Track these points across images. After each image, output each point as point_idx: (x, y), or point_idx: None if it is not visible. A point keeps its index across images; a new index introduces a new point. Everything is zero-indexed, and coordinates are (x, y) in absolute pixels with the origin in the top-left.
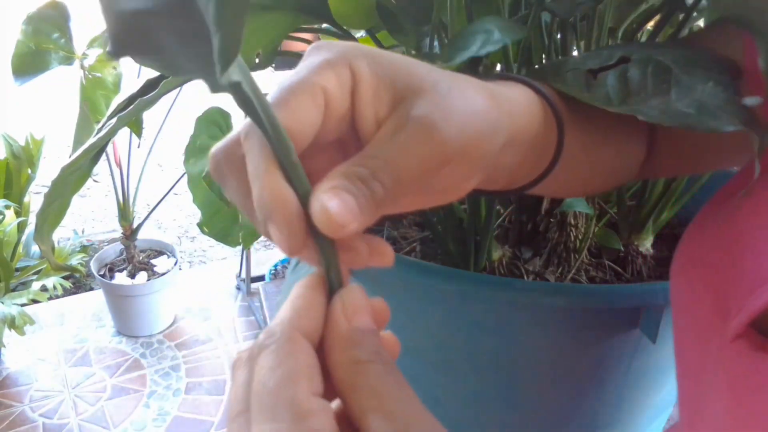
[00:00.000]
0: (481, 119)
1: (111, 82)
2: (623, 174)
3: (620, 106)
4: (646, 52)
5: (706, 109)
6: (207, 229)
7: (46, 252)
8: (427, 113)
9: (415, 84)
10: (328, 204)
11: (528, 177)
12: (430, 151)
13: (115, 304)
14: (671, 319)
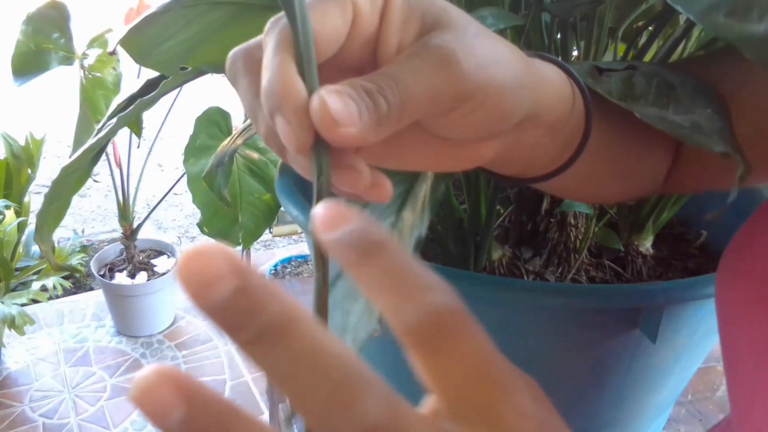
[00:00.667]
0: (505, 70)
1: (111, 82)
2: (644, 184)
3: (620, 101)
4: (655, 68)
5: (700, 128)
6: (207, 229)
7: (46, 252)
8: (448, 44)
9: (444, 20)
10: (327, 99)
11: (547, 166)
12: (443, 79)
13: (115, 304)
14: (671, 319)
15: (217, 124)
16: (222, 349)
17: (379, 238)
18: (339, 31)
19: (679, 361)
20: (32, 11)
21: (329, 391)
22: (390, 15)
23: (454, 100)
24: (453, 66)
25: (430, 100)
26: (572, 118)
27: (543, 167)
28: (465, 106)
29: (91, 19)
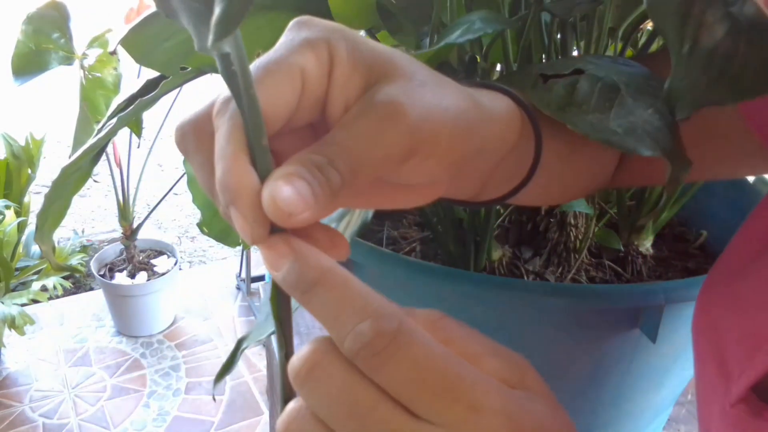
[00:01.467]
0: (453, 116)
1: (111, 82)
2: (596, 180)
3: (556, 111)
4: (605, 68)
5: (633, 132)
6: (207, 229)
7: (46, 252)
8: (394, 97)
9: (389, 71)
10: (277, 191)
11: (501, 189)
12: (393, 137)
13: (115, 304)
14: (671, 320)
15: None
16: (222, 349)
17: (315, 275)
18: (288, 102)
19: (678, 361)
20: (32, 11)
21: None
22: (335, 74)
23: (404, 154)
24: (400, 120)
25: (381, 159)
26: (521, 143)
27: (497, 188)
28: (415, 158)
29: (91, 19)
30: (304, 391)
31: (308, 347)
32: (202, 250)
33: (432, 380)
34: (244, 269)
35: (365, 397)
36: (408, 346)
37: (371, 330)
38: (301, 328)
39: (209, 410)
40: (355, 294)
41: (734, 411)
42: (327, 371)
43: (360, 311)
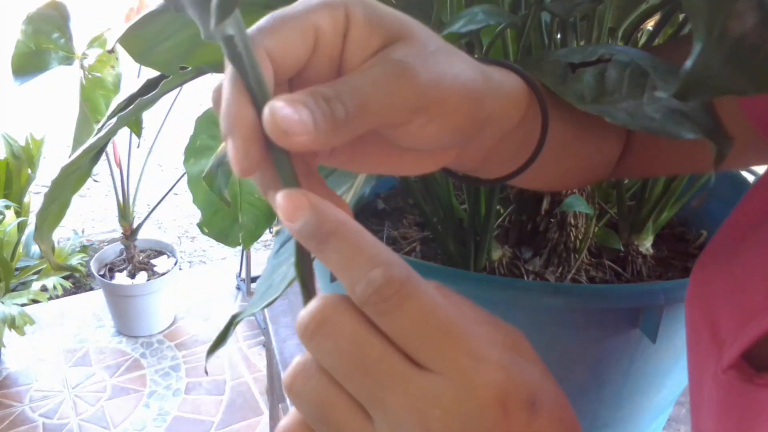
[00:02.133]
0: (462, 84)
1: (111, 82)
2: (597, 171)
3: (591, 104)
4: (628, 54)
5: (671, 115)
6: (207, 229)
7: (46, 252)
8: (406, 57)
9: (405, 35)
10: (278, 110)
11: (504, 168)
12: (400, 90)
13: (115, 304)
14: (671, 320)
15: (217, 124)
16: (222, 349)
17: (332, 226)
18: (299, 54)
19: (678, 361)
20: (32, 11)
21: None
22: (352, 34)
23: (410, 111)
24: (410, 78)
25: (387, 109)
26: (526, 122)
27: (498, 169)
28: (421, 118)
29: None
30: (312, 345)
31: (316, 303)
32: (202, 250)
33: (436, 328)
34: (244, 269)
35: (372, 349)
36: (416, 294)
37: (382, 277)
38: None
39: (209, 410)
40: (368, 245)
41: (725, 376)
42: (336, 324)
43: (372, 260)
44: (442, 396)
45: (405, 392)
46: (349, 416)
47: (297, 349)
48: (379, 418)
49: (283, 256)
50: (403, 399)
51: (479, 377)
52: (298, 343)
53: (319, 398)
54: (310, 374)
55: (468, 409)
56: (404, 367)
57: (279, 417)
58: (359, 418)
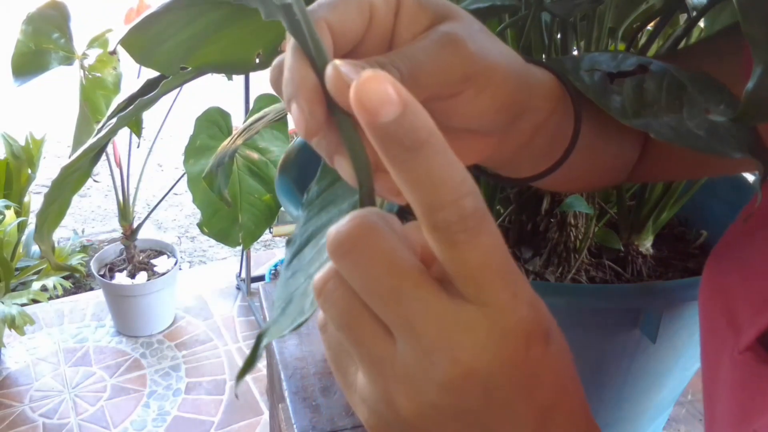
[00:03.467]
0: (507, 60)
1: (111, 82)
2: (616, 174)
3: (634, 119)
4: (659, 64)
5: (716, 133)
6: (207, 229)
7: (46, 252)
8: (456, 30)
9: (452, 14)
10: (341, 67)
11: (536, 166)
12: (451, 57)
13: (115, 304)
14: (671, 320)
15: (217, 124)
16: (222, 349)
17: (425, 135)
18: (356, 29)
19: (678, 361)
20: (32, 11)
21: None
22: (403, 11)
23: (461, 79)
24: (460, 47)
25: (438, 75)
26: (557, 115)
27: (531, 167)
28: (470, 89)
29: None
30: (345, 262)
31: (351, 220)
32: (202, 250)
33: (498, 264)
34: (244, 269)
35: (409, 274)
36: (489, 229)
37: (473, 206)
38: (302, 328)
39: (209, 410)
40: (460, 166)
41: (742, 357)
42: (375, 244)
43: (464, 184)
44: (475, 327)
45: (437, 319)
46: (371, 332)
47: (297, 349)
48: (404, 341)
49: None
50: (434, 324)
51: (515, 316)
52: (297, 343)
53: (346, 308)
54: (340, 281)
55: (498, 341)
56: (439, 294)
57: (279, 417)
58: (381, 336)
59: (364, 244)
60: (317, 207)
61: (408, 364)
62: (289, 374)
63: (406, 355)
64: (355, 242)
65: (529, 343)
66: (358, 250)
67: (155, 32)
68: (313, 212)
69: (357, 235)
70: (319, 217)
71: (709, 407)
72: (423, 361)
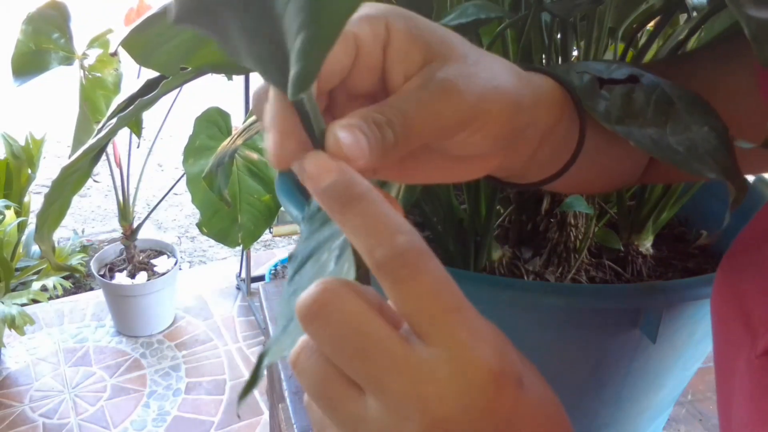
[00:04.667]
0: (503, 93)
1: (111, 82)
2: (626, 177)
3: (617, 124)
4: (652, 78)
5: (695, 151)
6: (206, 229)
7: (46, 252)
8: (451, 77)
9: (445, 50)
10: (340, 135)
11: (545, 171)
12: (446, 111)
13: (115, 304)
14: (671, 319)
15: (216, 124)
16: (222, 349)
17: (359, 190)
18: (341, 63)
19: (679, 361)
20: (32, 11)
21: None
22: (394, 46)
23: (457, 125)
24: (454, 96)
25: (435, 127)
26: (563, 123)
27: (540, 172)
28: (467, 130)
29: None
30: (312, 328)
31: (317, 286)
32: (202, 250)
33: (446, 301)
34: (244, 269)
35: (372, 331)
36: (433, 266)
37: (407, 243)
38: None
39: (209, 410)
40: (393, 213)
41: (759, 361)
42: (335, 307)
43: (398, 227)
44: (438, 371)
45: (401, 371)
46: (343, 395)
47: None
48: (374, 398)
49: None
50: (400, 378)
51: (475, 353)
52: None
53: (318, 375)
54: (311, 351)
55: (462, 384)
56: (401, 346)
57: (279, 417)
58: (354, 398)
59: (329, 307)
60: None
61: (381, 420)
62: (289, 374)
63: (378, 412)
64: (320, 307)
65: (499, 386)
66: (324, 314)
67: (156, 33)
68: (314, 227)
69: (323, 299)
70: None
71: (725, 413)
72: (393, 416)
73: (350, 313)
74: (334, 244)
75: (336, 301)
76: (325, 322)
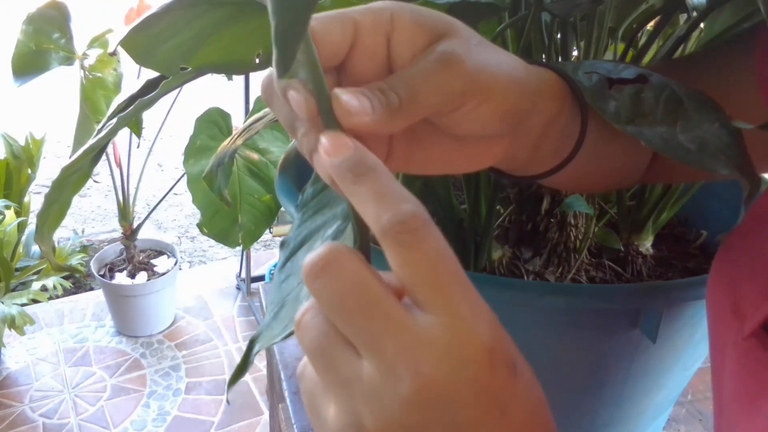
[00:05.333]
0: (506, 71)
1: (111, 82)
2: (627, 175)
3: (627, 125)
4: (662, 78)
5: (706, 149)
6: (207, 229)
7: (46, 252)
8: (452, 47)
9: (449, 31)
10: (340, 95)
11: (546, 163)
12: (449, 78)
13: (115, 304)
14: (671, 319)
15: (217, 124)
16: (222, 349)
17: (371, 163)
18: (338, 45)
19: (679, 361)
20: (32, 11)
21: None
22: (398, 32)
23: (460, 95)
24: (458, 65)
25: (437, 95)
26: (565, 114)
27: (541, 164)
28: (471, 102)
29: (91, 19)
30: (316, 284)
31: (323, 246)
32: (202, 250)
33: (447, 270)
34: (244, 269)
35: (372, 291)
36: (436, 236)
37: (412, 210)
38: None
39: (209, 410)
40: (399, 185)
41: (746, 343)
42: (340, 265)
43: (404, 197)
44: (436, 340)
45: (399, 333)
46: (341, 354)
47: (297, 350)
48: (370, 358)
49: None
50: (397, 340)
51: (473, 327)
52: (297, 343)
53: (320, 333)
54: (316, 312)
55: (458, 355)
56: (400, 310)
57: (279, 417)
58: (350, 358)
59: (334, 265)
60: (312, 209)
61: (374, 381)
62: (289, 374)
63: (372, 372)
64: (326, 264)
65: (494, 365)
66: (329, 271)
67: (155, 33)
68: (307, 214)
69: (328, 257)
70: (314, 220)
71: (718, 397)
72: (388, 377)
73: (354, 271)
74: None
75: (341, 259)
76: (329, 278)
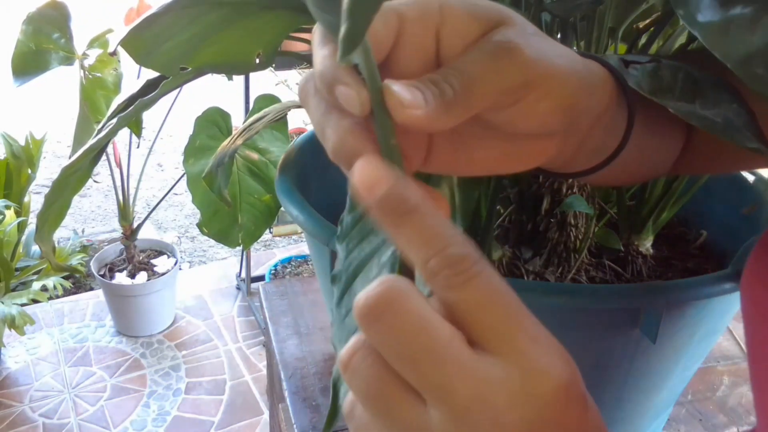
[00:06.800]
0: (567, 63)
1: (111, 82)
2: (662, 165)
3: (650, 94)
4: (676, 62)
5: (731, 123)
6: (207, 229)
7: (46, 252)
8: (510, 37)
9: (504, 19)
10: (395, 89)
11: (590, 160)
12: (507, 68)
13: (115, 304)
14: (671, 319)
15: (216, 124)
16: (222, 349)
17: (413, 202)
18: (381, 38)
19: (679, 362)
20: (32, 11)
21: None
22: (450, 23)
23: (520, 86)
24: (516, 54)
25: (496, 85)
26: (611, 108)
27: (586, 161)
28: (531, 95)
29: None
30: (373, 329)
31: (379, 285)
32: (202, 250)
33: (503, 308)
34: (244, 269)
35: (440, 335)
36: (487, 273)
37: (459, 252)
38: (302, 328)
39: (209, 410)
40: (447, 224)
41: None
42: (401, 306)
43: (450, 238)
44: (508, 381)
45: (469, 378)
46: (402, 400)
47: (297, 350)
48: (437, 406)
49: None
50: (467, 385)
51: (542, 362)
52: (297, 343)
53: (376, 376)
54: (368, 352)
55: (534, 394)
56: (470, 354)
57: (279, 417)
58: (413, 403)
59: (395, 307)
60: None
61: (445, 429)
62: (289, 374)
63: (441, 419)
64: (386, 307)
65: (570, 402)
66: (390, 314)
67: (155, 33)
68: (353, 244)
69: (387, 299)
70: (362, 249)
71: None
72: (460, 425)
73: (416, 314)
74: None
75: (401, 299)
76: (389, 322)
